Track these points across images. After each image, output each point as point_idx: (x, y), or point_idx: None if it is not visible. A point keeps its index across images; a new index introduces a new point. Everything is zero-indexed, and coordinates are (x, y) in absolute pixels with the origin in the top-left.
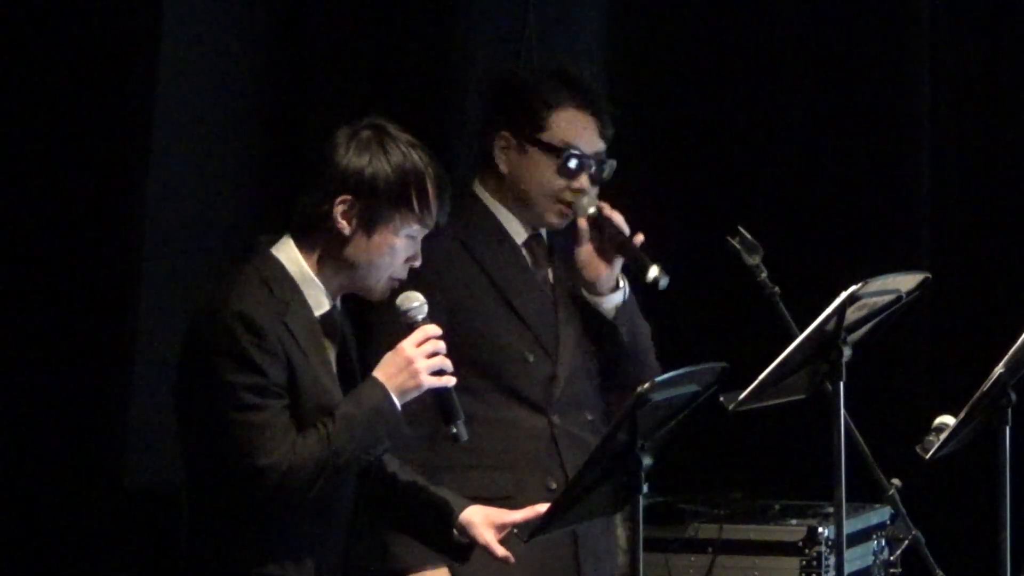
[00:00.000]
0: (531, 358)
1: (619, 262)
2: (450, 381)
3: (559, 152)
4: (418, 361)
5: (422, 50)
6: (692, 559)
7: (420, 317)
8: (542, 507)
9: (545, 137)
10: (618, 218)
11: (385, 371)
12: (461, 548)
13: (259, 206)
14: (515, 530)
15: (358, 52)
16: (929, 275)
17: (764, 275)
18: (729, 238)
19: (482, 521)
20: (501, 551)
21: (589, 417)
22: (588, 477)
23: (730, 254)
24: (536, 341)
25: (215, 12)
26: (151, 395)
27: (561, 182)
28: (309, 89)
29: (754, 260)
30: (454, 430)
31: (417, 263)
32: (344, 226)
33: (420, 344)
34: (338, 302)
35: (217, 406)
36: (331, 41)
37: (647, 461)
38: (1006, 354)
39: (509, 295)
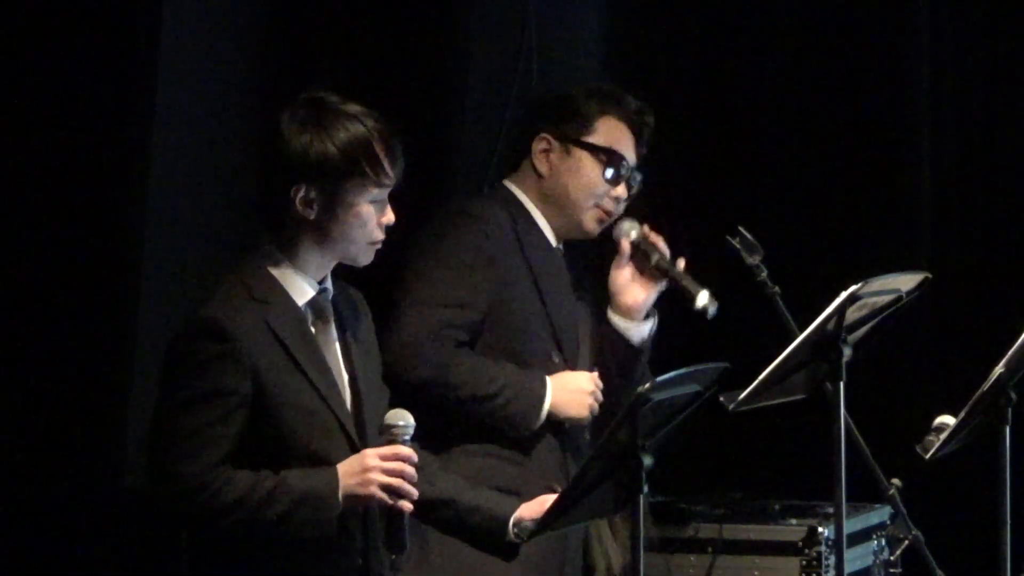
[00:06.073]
0: (556, 359)
1: (658, 288)
2: (405, 507)
3: (607, 154)
4: (375, 473)
5: (422, 50)
6: (692, 559)
7: (403, 438)
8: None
9: (592, 139)
10: (661, 243)
11: (344, 468)
12: (512, 547)
13: (259, 207)
14: (514, 529)
15: (358, 52)
16: (929, 275)
17: (764, 275)
18: (729, 238)
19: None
20: None
21: (587, 436)
22: (589, 477)
23: (730, 254)
24: (559, 346)
25: (215, 12)
26: (151, 395)
27: (605, 185)
28: (309, 89)
29: (754, 260)
30: (392, 556)
31: (391, 220)
32: (308, 213)
33: (386, 458)
34: (328, 282)
35: (162, 401)
36: (331, 40)
37: (648, 461)
38: (1006, 354)
39: (545, 296)
